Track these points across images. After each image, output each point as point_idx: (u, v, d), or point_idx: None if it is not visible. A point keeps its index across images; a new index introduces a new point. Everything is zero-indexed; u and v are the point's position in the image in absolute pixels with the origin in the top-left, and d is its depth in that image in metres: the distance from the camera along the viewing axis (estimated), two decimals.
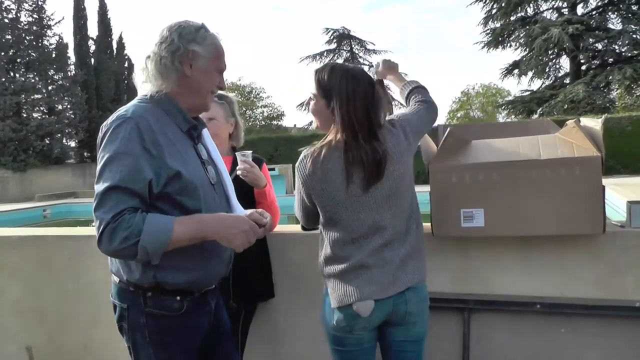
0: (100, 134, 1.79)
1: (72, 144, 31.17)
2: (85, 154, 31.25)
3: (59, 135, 29.06)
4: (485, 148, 2.49)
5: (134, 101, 1.90)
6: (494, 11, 28.43)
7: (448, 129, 2.56)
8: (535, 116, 26.53)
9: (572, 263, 2.46)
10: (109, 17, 33.06)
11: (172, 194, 1.77)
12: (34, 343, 3.45)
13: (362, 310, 1.96)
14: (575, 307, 2.44)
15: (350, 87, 2.00)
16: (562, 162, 2.31)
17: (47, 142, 27.65)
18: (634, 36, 25.39)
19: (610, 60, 25.97)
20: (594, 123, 2.43)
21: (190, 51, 1.85)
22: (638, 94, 25.72)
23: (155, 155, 1.74)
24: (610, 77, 24.72)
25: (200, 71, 1.88)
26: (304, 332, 2.86)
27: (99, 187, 1.70)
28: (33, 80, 28.54)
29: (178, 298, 1.86)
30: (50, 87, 29.11)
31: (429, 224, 2.46)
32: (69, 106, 29.45)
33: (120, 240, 1.63)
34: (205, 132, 2.10)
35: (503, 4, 27.39)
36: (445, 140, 2.48)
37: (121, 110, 1.83)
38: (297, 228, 2.83)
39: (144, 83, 1.91)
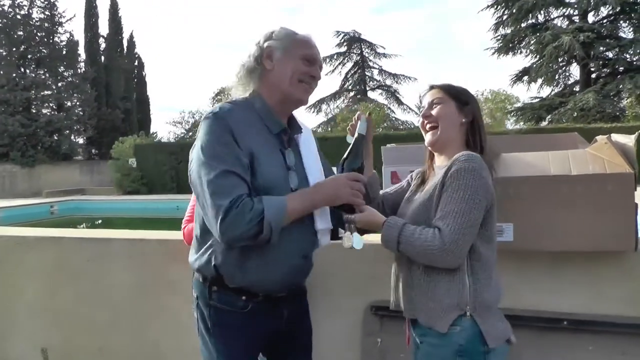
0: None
1: (81, 140, 31.37)
2: (93, 150, 31.44)
3: (68, 131, 29.24)
4: (515, 162, 2.46)
5: (231, 100, 1.97)
6: (505, 17, 28.43)
7: None
8: (544, 123, 26.47)
9: (601, 280, 2.43)
10: (120, 15, 33.29)
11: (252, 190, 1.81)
12: (49, 344, 3.44)
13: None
14: (604, 324, 2.40)
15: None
16: (593, 178, 2.28)
17: (56, 138, 27.82)
18: None
19: (621, 68, 25.91)
20: (627, 139, 2.39)
21: (266, 48, 1.93)
22: None
23: (241, 150, 1.79)
24: (621, 86, 24.65)
25: (279, 62, 1.92)
26: (331, 341, 2.83)
27: (206, 175, 1.76)
28: (43, 77, 28.75)
29: (244, 298, 1.90)
30: (60, 84, 29.30)
31: None
32: (78, 103, 29.63)
33: (247, 222, 1.70)
34: (306, 139, 2.10)
35: (514, 10, 27.37)
36: None
37: (215, 106, 1.91)
38: None
39: (237, 90, 2.00)
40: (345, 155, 1.92)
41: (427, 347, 1.84)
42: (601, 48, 25.70)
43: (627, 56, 26.02)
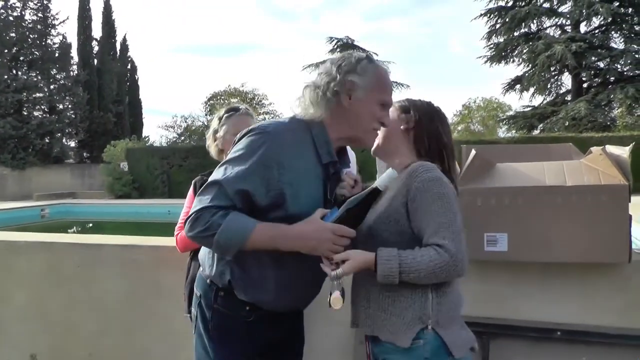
0: (239, 135, 1.86)
1: (72, 144, 31.20)
2: (85, 154, 31.28)
3: (59, 134, 29.07)
4: (510, 172, 2.47)
5: (284, 119, 1.89)
6: (497, 26, 28.53)
7: (473, 150, 2.54)
8: (536, 132, 26.59)
9: (595, 291, 2.44)
10: (113, 18, 33.16)
11: (273, 219, 1.76)
12: (38, 350, 3.40)
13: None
14: (596, 335, 2.41)
15: None
16: (588, 189, 2.29)
17: (47, 141, 27.66)
18: (637, 56, 25.50)
19: (612, 79, 26.06)
20: (621, 151, 2.41)
21: (348, 81, 1.80)
22: (639, 113, 25.79)
23: (270, 177, 1.73)
24: (612, 96, 24.80)
25: (358, 102, 1.81)
26: (323, 350, 2.82)
27: (210, 178, 1.79)
28: (35, 79, 28.59)
29: (247, 308, 1.88)
30: (52, 86, 29.16)
31: None
32: (70, 106, 29.49)
33: (198, 231, 1.72)
34: (350, 165, 2.06)
35: (507, 20, 27.48)
36: (471, 162, 2.46)
37: (265, 122, 1.85)
38: None
39: (297, 108, 1.89)
40: (353, 200, 1.74)
41: None
42: (593, 58, 25.85)
43: (618, 66, 26.19)
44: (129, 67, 34.50)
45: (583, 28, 26.96)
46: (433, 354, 1.72)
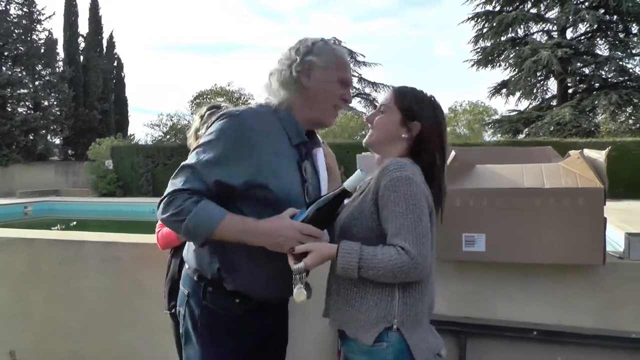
0: (210, 122, 1.90)
1: (57, 141, 30.96)
2: (69, 151, 31.03)
3: (44, 131, 28.84)
4: (489, 174, 2.50)
5: (252, 105, 1.94)
6: (485, 30, 28.72)
7: (452, 151, 2.57)
8: (521, 136, 26.78)
9: (570, 292, 2.48)
10: (100, 14, 32.95)
11: (257, 200, 1.79)
12: (18, 347, 3.38)
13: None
14: (571, 335, 2.45)
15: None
16: (566, 192, 2.32)
17: (31, 137, 27.42)
18: (620, 63, 25.81)
19: (597, 85, 26.34)
20: (598, 155, 2.45)
21: (307, 62, 1.86)
22: (622, 119, 26.08)
23: (245, 156, 1.77)
24: (597, 102, 25.06)
25: (318, 81, 1.88)
26: (302, 346, 2.84)
27: (182, 163, 1.81)
28: (20, 75, 28.30)
29: (237, 301, 1.88)
30: (37, 83, 28.92)
31: None
32: (55, 103, 29.26)
33: (170, 214, 1.74)
34: (320, 154, 2.07)
35: (494, 24, 27.66)
36: (450, 164, 2.48)
37: (234, 108, 1.90)
38: None
39: (268, 98, 1.94)
40: (321, 200, 1.74)
41: None
42: (578, 64, 26.09)
43: (603, 73, 26.47)
44: (115, 64, 34.30)
45: (569, 34, 27.24)
46: (396, 357, 1.70)
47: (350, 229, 1.79)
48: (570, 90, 27.42)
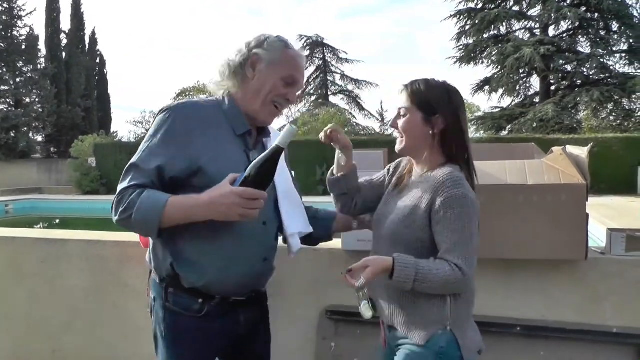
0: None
1: (39, 138, 30.62)
2: (52, 149, 30.72)
3: (26, 129, 28.50)
4: None
5: (195, 98, 1.97)
6: (467, 27, 28.89)
7: None
8: (504, 133, 26.99)
9: (553, 287, 2.50)
10: (82, 11, 32.69)
11: (199, 188, 1.76)
12: (1, 347, 3.35)
13: None
14: (554, 330, 2.46)
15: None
16: (548, 188, 2.34)
17: (13, 135, 27.10)
18: (602, 60, 26.12)
19: (579, 82, 26.63)
20: (580, 151, 2.47)
21: (253, 54, 1.88)
22: (603, 116, 26.38)
23: (179, 144, 1.78)
24: (579, 99, 25.36)
25: (261, 74, 1.88)
26: (285, 346, 2.83)
27: (132, 159, 1.83)
28: (0, 72, 27.94)
29: (200, 300, 1.85)
30: (18, 79, 28.62)
31: None
32: (37, 100, 28.97)
33: (120, 212, 1.74)
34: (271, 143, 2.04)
35: (477, 21, 27.85)
36: None
37: (174, 102, 1.90)
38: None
39: (212, 86, 1.98)
40: (257, 162, 1.71)
41: (406, 351, 1.82)
42: (561, 61, 26.36)
43: (585, 70, 26.77)
44: (98, 61, 34.06)
45: (551, 32, 27.51)
46: (446, 357, 1.77)
47: (400, 237, 1.82)
48: (552, 87, 27.70)
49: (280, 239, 2.07)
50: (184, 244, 1.82)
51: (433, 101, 1.83)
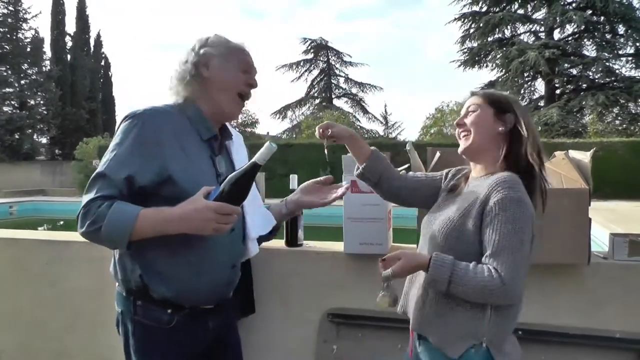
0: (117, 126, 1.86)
1: (44, 140, 30.73)
2: (56, 151, 30.82)
3: (30, 130, 28.63)
4: None
5: (157, 104, 1.90)
6: (471, 31, 28.89)
7: (437, 152, 2.57)
8: None
9: (555, 292, 2.49)
10: (87, 13, 32.85)
11: (168, 198, 1.73)
12: (3, 348, 3.36)
13: None
14: (557, 335, 2.45)
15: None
16: (550, 192, 2.33)
17: (17, 137, 27.22)
18: (607, 64, 26.07)
19: (584, 85, 26.59)
20: (583, 156, 2.47)
21: (203, 54, 1.88)
22: (609, 120, 26.33)
23: (149, 153, 1.74)
24: (584, 103, 25.32)
25: (217, 69, 1.87)
26: (286, 348, 2.84)
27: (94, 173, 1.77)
28: (5, 74, 28.11)
29: (169, 311, 1.82)
30: (23, 82, 28.75)
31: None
32: (42, 102, 29.12)
33: (87, 225, 1.68)
34: (238, 146, 2.06)
35: (481, 25, 27.84)
36: (435, 164, 2.49)
37: (138, 108, 1.85)
38: (279, 243, 2.83)
39: (168, 94, 1.94)
40: (232, 176, 1.69)
41: None
42: (566, 65, 26.34)
43: (590, 74, 26.73)
44: (102, 63, 34.19)
45: (557, 35, 27.47)
46: None
47: (448, 238, 1.74)
48: (557, 91, 27.67)
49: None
50: (153, 255, 1.78)
51: (504, 101, 1.83)
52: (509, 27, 28.12)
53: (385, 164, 2.06)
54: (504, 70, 27.71)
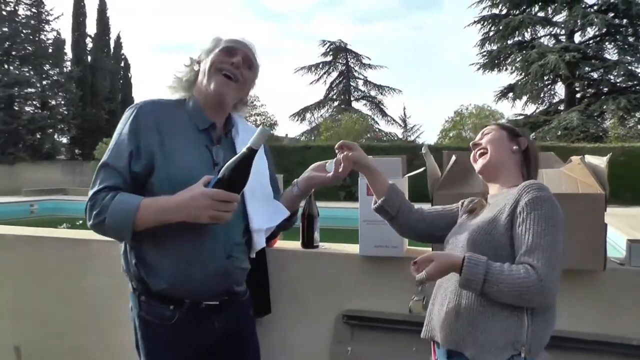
0: None
1: (64, 140, 31.09)
2: (76, 151, 31.15)
3: (51, 130, 29.00)
4: None
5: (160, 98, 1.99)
6: (491, 34, 28.72)
7: (453, 156, 2.57)
8: None
9: (570, 298, 2.47)
10: (108, 15, 33.16)
11: (157, 187, 1.76)
12: (22, 343, 3.41)
13: None
14: (572, 341, 2.44)
15: None
16: (566, 197, 2.32)
17: (38, 136, 27.58)
18: (630, 67, 25.77)
19: (605, 89, 26.30)
20: (599, 161, 2.45)
21: (199, 56, 2.00)
22: (631, 124, 26.00)
23: (141, 138, 1.78)
24: (605, 107, 25.03)
25: (205, 61, 1.96)
26: (300, 349, 2.85)
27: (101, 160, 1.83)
28: (27, 74, 28.50)
29: (171, 307, 1.82)
30: (44, 82, 29.10)
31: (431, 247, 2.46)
32: (62, 102, 29.46)
33: (93, 217, 1.73)
34: (245, 139, 1.96)
35: (501, 27, 27.68)
36: (451, 167, 2.50)
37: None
38: (295, 245, 2.85)
39: (174, 95, 2.02)
40: (230, 163, 1.69)
41: None
42: (586, 68, 26.08)
43: (611, 77, 26.44)
44: (122, 64, 34.49)
45: (577, 38, 27.24)
46: None
47: (479, 243, 1.72)
48: (578, 95, 27.40)
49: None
50: (146, 246, 1.80)
51: (515, 128, 1.98)
52: (529, 30, 27.94)
53: (402, 197, 2.09)
54: (523, 74, 27.51)
